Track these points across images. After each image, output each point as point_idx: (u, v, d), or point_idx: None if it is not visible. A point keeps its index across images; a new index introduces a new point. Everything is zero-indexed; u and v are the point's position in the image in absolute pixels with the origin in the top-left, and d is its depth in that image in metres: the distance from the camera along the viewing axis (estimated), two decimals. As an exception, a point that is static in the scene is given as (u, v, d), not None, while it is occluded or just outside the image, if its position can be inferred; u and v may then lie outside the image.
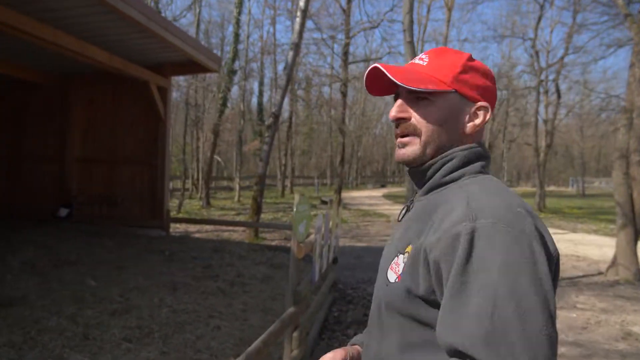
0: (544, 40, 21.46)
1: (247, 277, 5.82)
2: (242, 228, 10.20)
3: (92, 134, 8.65)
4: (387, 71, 0.89)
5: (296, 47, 9.89)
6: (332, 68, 20.79)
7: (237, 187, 22.17)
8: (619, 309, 5.23)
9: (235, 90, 26.47)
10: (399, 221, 1.00)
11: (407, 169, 0.98)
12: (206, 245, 7.74)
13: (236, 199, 21.30)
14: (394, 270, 0.88)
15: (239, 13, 17.74)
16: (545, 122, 20.63)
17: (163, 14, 16.15)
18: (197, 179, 22.33)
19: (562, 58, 19.24)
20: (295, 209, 3.24)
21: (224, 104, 18.29)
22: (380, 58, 19.29)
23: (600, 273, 7.17)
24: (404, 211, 1.01)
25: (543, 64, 20.02)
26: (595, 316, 4.91)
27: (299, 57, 24.09)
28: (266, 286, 5.53)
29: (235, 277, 5.81)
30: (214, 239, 9.00)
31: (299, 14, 9.65)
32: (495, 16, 46.84)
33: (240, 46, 21.20)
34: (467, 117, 0.92)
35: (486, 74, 0.94)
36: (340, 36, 18.32)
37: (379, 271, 0.95)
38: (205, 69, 8.13)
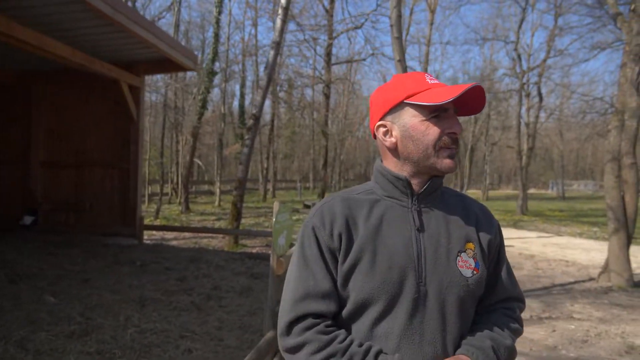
0: (525, 44, 21.54)
1: (224, 290, 5.40)
2: (221, 235, 9.75)
3: (58, 135, 8.11)
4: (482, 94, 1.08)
5: (277, 46, 9.52)
6: (315, 69, 20.53)
7: (217, 191, 21.65)
8: (617, 318, 4.98)
9: (216, 92, 25.98)
10: (418, 230, 1.07)
11: (433, 178, 1.10)
12: (182, 254, 7.29)
13: (217, 203, 20.77)
14: (465, 266, 1.05)
15: (219, 13, 17.28)
16: (527, 125, 20.66)
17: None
18: (177, 183, 21.74)
19: (544, 61, 19.28)
20: (274, 219, 2.87)
21: (204, 106, 17.76)
22: (364, 59, 19.03)
23: (591, 279, 6.96)
24: (415, 215, 1.08)
25: (525, 67, 20.05)
26: (594, 327, 4.65)
27: (281, 57, 23.78)
28: (245, 299, 5.13)
29: (212, 289, 5.39)
30: (191, 247, 8.53)
31: (280, 11, 9.28)
32: (477, 19, 47.21)
33: (222, 48, 20.77)
34: None
35: None
36: (323, 37, 18.06)
37: (433, 272, 1.04)
38: (180, 68, 7.70)
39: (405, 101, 1.05)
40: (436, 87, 1.05)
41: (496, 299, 1.15)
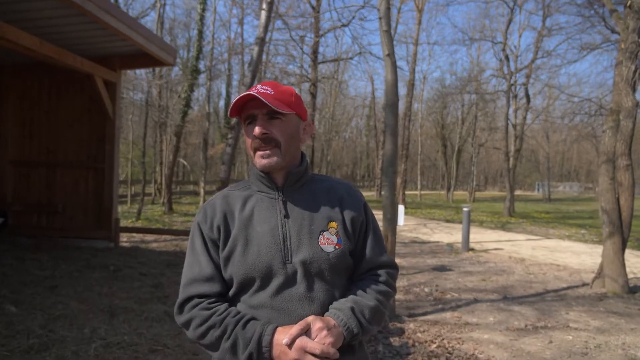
0: (513, 45, 21.48)
1: (201, 298, 5.06)
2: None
3: (30, 133, 7.67)
4: (264, 98, 1.17)
5: (262, 42, 9.17)
6: (302, 67, 20.19)
7: (202, 192, 21.20)
8: (615, 327, 4.76)
9: (203, 92, 25.50)
10: (285, 216, 1.24)
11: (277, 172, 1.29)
12: (159, 258, 6.92)
13: (201, 203, 20.33)
14: (327, 243, 1.22)
15: (203, 10, 16.89)
16: (514, 126, 20.60)
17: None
18: (161, 184, 21.24)
19: (531, 62, 19.24)
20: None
21: (187, 105, 17.33)
22: (352, 58, 18.79)
23: (584, 284, 6.76)
24: (281, 205, 1.25)
25: (512, 69, 19.99)
26: (593, 338, 4.41)
27: (267, 57, 23.41)
28: (224, 308, 4.80)
29: (188, 297, 5.05)
30: (170, 250, 8.15)
31: (264, 6, 8.95)
32: (465, 20, 47.36)
33: (208, 47, 20.34)
34: (302, 132, 1.31)
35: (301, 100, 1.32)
36: (310, 36, 17.74)
37: (296, 249, 1.21)
38: (159, 62, 7.32)
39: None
40: (237, 98, 1.22)
41: (366, 268, 1.30)
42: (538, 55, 18.93)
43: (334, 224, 1.24)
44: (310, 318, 1.14)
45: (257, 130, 1.19)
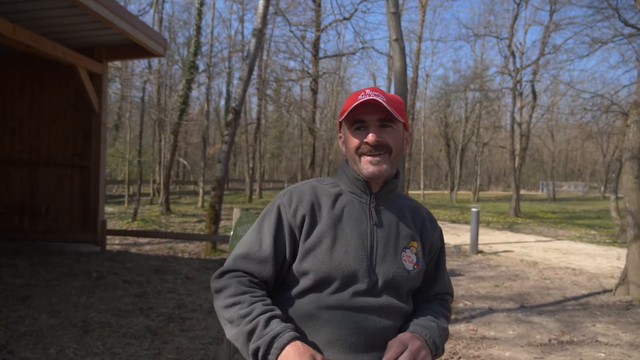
0: (518, 42, 20.96)
1: (189, 309, 4.58)
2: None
3: (10, 129, 7.18)
4: (387, 105, 1.17)
5: (259, 33, 8.72)
6: (303, 61, 19.73)
7: (201, 192, 20.73)
8: (649, 342, 4.27)
9: (203, 90, 25.03)
10: (375, 224, 1.23)
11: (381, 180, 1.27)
12: (147, 264, 6.44)
13: (200, 204, 19.90)
14: (408, 261, 1.23)
15: (201, 4, 16.41)
16: (519, 124, 20.07)
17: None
18: (160, 183, 20.78)
19: (538, 58, 18.72)
20: (232, 232, 2.07)
21: (185, 103, 16.87)
22: (354, 53, 18.29)
23: (606, 291, 6.26)
24: (373, 211, 1.24)
25: (518, 65, 19.46)
26: (627, 355, 3.92)
27: (268, 54, 22.95)
28: (213, 321, 4.31)
29: (175, 308, 4.57)
30: (162, 254, 7.66)
31: (262, -5, 8.48)
32: (469, 17, 46.82)
33: (207, 47, 19.87)
34: (405, 142, 1.30)
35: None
36: (311, 31, 17.26)
37: (382, 262, 1.20)
38: (149, 53, 6.84)
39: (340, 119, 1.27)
40: (354, 103, 1.18)
41: (434, 292, 1.35)
42: (545, 51, 18.40)
43: (414, 244, 1.26)
44: (407, 335, 1.14)
45: (371, 137, 1.18)
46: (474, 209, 9.14)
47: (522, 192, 37.41)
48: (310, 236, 1.18)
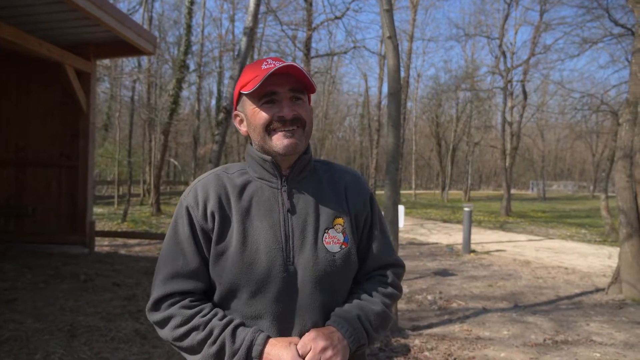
0: (509, 42, 21.04)
1: (180, 311, 4.50)
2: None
3: (-5, 128, 7.04)
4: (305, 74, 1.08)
5: (251, 32, 8.61)
6: (294, 61, 19.60)
7: (191, 192, 20.56)
8: (644, 341, 4.26)
9: (194, 90, 24.85)
10: (289, 211, 1.09)
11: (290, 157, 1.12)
12: (138, 265, 6.33)
13: (190, 205, 19.71)
14: (333, 242, 1.09)
15: (191, 3, 16.26)
16: (510, 124, 20.15)
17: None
18: (150, 184, 20.58)
19: (528, 58, 18.81)
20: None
21: (175, 102, 16.71)
22: (345, 52, 18.25)
23: (598, 290, 6.27)
24: (285, 196, 1.11)
25: (509, 65, 19.54)
26: (622, 355, 3.91)
27: (260, 54, 22.82)
28: (204, 323, 4.23)
29: (165, 311, 4.47)
30: (152, 255, 7.54)
31: (253, -7, 8.38)
32: (460, 17, 46.98)
33: (196, 47, 19.72)
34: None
35: None
36: (303, 30, 17.18)
37: (299, 253, 1.07)
38: (138, 51, 6.73)
39: (241, 92, 1.11)
40: (263, 73, 1.05)
41: (371, 268, 1.19)
42: (535, 51, 18.49)
43: (340, 220, 1.13)
44: (311, 335, 1.02)
45: (288, 111, 1.07)
46: (466, 209, 9.13)
47: (512, 191, 37.65)
48: (221, 237, 1.07)
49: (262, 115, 1.08)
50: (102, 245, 8.23)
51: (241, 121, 1.16)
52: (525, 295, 5.93)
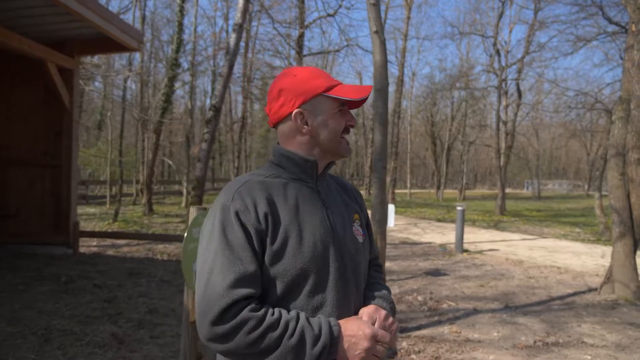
0: (503, 40, 20.98)
1: (161, 314, 4.37)
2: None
3: (-23, 127, 6.87)
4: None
5: (240, 28, 8.48)
6: (288, 59, 19.50)
7: (184, 191, 20.41)
8: (636, 343, 4.17)
9: (187, 89, 24.66)
10: (327, 207, 1.19)
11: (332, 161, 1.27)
12: (122, 267, 6.20)
13: (184, 204, 19.58)
14: (358, 234, 1.25)
15: (183, 1, 16.10)
16: (504, 123, 20.10)
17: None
18: (143, 183, 20.41)
19: (523, 57, 18.75)
20: (186, 234, 1.88)
21: (167, 101, 16.55)
22: (338, 50, 18.12)
23: (591, 289, 6.19)
24: (322, 195, 1.22)
25: (503, 64, 19.48)
26: (614, 357, 3.81)
27: (253, 53, 22.67)
28: (186, 326, 4.10)
29: (146, 313, 4.35)
30: (139, 256, 7.40)
31: (242, -11, 8.25)
32: (454, 15, 46.98)
33: (189, 46, 19.54)
34: None
35: None
36: (296, 30, 17.05)
37: (340, 241, 1.17)
38: (123, 47, 6.59)
39: (324, 93, 1.17)
40: (342, 84, 1.21)
41: (370, 258, 1.34)
42: (530, 50, 18.43)
43: (357, 216, 1.28)
44: (371, 308, 1.17)
45: (354, 122, 1.22)
46: (459, 208, 9.04)
47: (507, 190, 37.62)
48: (276, 236, 1.09)
49: (342, 121, 1.20)
50: (91, 245, 8.08)
51: (303, 119, 1.19)
52: (517, 296, 5.83)
